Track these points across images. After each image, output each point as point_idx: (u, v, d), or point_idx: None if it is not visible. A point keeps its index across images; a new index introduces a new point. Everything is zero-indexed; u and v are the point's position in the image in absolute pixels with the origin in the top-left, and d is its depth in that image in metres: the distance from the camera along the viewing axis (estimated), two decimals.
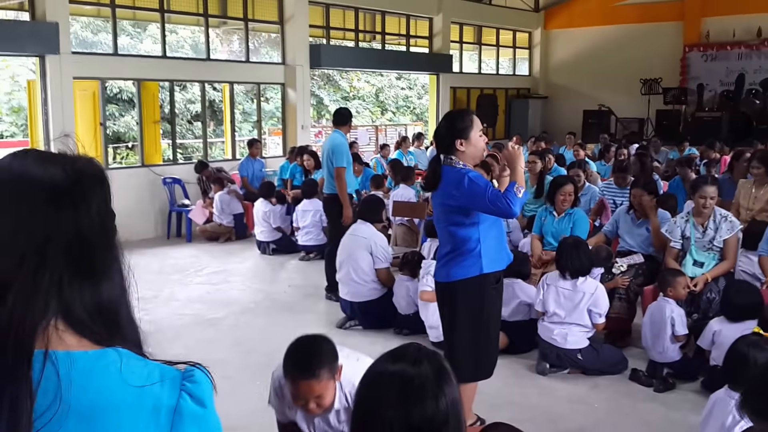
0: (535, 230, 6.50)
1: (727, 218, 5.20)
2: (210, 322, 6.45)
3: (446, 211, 3.74)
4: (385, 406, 1.46)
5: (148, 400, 1.04)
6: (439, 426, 1.43)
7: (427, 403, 1.44)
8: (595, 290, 4.89)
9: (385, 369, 1.50)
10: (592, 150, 13.71)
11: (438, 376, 1.50)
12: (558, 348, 4.93)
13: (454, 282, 3.74)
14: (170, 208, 10.64)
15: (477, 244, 3.69)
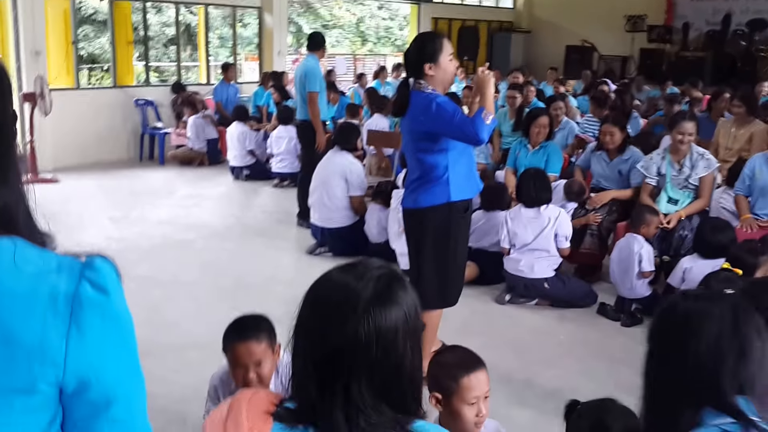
0: (509, 163, 6.44)
1: (703, 156, 5.14)
2: (179, 244, 6.37)
3: (414, 137, 3.63)
4: (312, 319, 1.30)
5: (43, 288, 0.98)
6: (357, 352, 1.24)
7: (349, 324, 1.25)
8: (559, 215, 4.93)
9: (329, 276, 1.34)
10: (573, 87, 13.56)
11: (376, 298, 1.27)
12: (525, 278, 4.95)
13: (422, 209, 3.66)
14: (143, 131, 10.45)
15: (445, 171, 3.58)
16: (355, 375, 1.25)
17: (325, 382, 1.26)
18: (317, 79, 6.64)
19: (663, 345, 1.52)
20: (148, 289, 5.15)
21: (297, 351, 1.31)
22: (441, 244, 3.69)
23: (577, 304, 4.97)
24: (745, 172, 5.12)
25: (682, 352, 1.45)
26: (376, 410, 1.25)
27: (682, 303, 1.49)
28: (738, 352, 1.41)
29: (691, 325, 1.46)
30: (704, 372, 1.41)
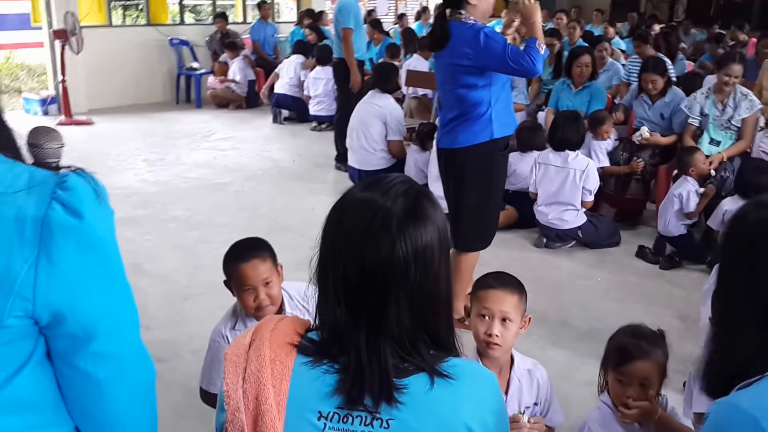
0: (551, 104, 6.31)
1: (747, 96, 5.00)
2: (215, 186, 6.40)
3: (457, 72, 3.41)
4: (341, 240, 1.19)
5: (8, 211, 0.89)
6: (394, 273, 1.15)
7: (383, 243, 1.15)
8: (586, 167, 4.83)
9: (352, 196, 1.23)
10: (621, 29, 13.17)
11: (407, 216, 1.17)
12: (557, 229, 4.92)
13: (463, 148, 3.50)
14: (178, 72, 10.43)
15: (488, 107, 3.44)
16: (392, 299, 1.16)
17: (358, 311, 1.17)
18: (351, 15, 6.51)
19: (735, 258, 1.29)
20: (184, 231, 5.21)
21: (324, 278, 1.22)
22: (482, 183, 3.59)
23: (604, 244, 4.95)
24: None
25: (755, 271, 1.23)
26: (414, 340, 1.18)
27: (755, 211, 1.28)
28: None
29: (765, 237, 1.24)
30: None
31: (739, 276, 1.25)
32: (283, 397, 1.17)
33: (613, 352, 2.15)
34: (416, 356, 1.18)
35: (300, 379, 1.18)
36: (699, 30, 12.73)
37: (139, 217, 5.48)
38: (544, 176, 4.94)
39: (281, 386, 1.17)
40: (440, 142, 3.67)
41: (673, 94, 5.54)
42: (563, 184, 4.85)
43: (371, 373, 1.16)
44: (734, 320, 1.25)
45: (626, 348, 2.10)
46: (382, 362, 1.17)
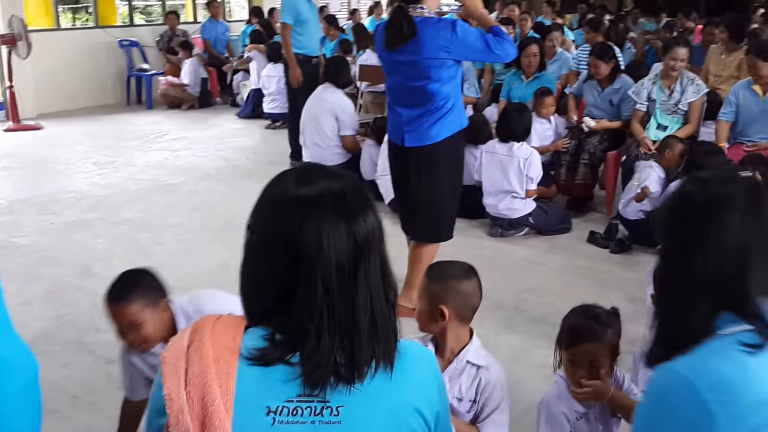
0: (503, 95, 6.38)
1: (693, 81, 5.13)
2: (168, 187, 6.32)
3: (431, 67, 3.35)
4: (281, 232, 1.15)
5: None
6: (341, 263, 1.15)
7: (330, 233, 1.14)
8: (530, 155, 4.91)
9: (285, 181, 1.21)
10: (571, 20, 13.33)
11: (351, 200, 1.18)
12: (508, 218, 4.99)
13: (437, 143, 3.49)
14: (129, 73, 10.28)
15: (455, 99, 3.49)
16: (339, 288, 1.15)
17: (302, 301, 1.15)
18: (287, 10, 6.47)
19: (684, 239, 1.26)
20: (136, 233, 5.14)
21: (258, 269, 1.20)
22: (453, 173, 3.65)
23: (555, 231, 5.02)
24: (730, 98, 5.08)
25: (699, 247, 1.23)
26: (360, 327, 1.17)
27: (700, 190, 1.26)
28: (763, 245, 1.20)
29: (710, 214, 1.23)
30: (726, 269, 1.20)
31: (690, 256, 1.23)
32: (230, 396, 1.14)
33: (565, 332, 2.20)
34: (363, 342, 1.17)
35: (245, 377, 1.16)
36: (647, 19, 12.96)
37: (90, 220, 5.40)
38: (490, 165, 5.00)
39: (227, 385, 1.14)
40: (407, 140, 3.54)
41: (622, 81, 5.63)
42: (508, 172, 4.92)
43: (321, 363, 1.15)
44: (685, 298, 1.24)
45: (577, 329, 2.15)
46: (333, 351, 1.15)
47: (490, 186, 5.01)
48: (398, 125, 3.57)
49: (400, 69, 3.47)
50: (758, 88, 4.89)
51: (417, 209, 3.66)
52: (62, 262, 4.58)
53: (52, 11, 9.98)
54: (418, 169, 3.57)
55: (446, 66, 3.37)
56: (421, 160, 3.55)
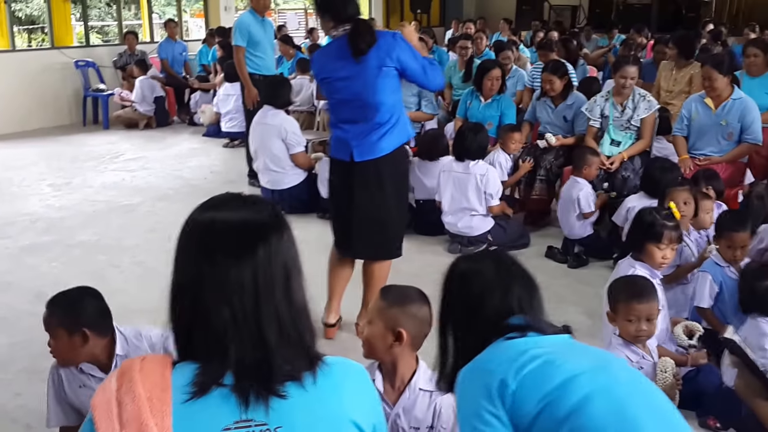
0: (459, 113, 6.41)
1: (645, 97, 5.23)
2: (124, 208, 6.23)
3: (385, 76, 3.39)
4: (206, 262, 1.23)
5: None
6: (263, 286, 1.24)
7: (249, 259, 1.24)
8: (486, 172, 4.95)
9: (211, 212, 1.29)
10: (525, 37, 13.53)
11: (270, 224, 1.29)
12: (467, 236, 5.03)
13: (385, 156, 3.49)
14: (85, 94, 10.14)
15: (400, 110, 3.54)
16: (263, 311, 1.22)
17: (236, 328, 1.21)
18: (238, 32, 6.49)
19: (447, 296, 1.75)
20: (91, 255, 5.06)
21: (176, 291, 1.27)
22: (402, 186, 3.69)
23: (513, 246, 5.06)
24: (683, 113, 5.20)
25: (461, 301, 1.71)
26: (285, 347, 1.24)
27: (460, 264, 1.77)
28: (501, 293, 1.67)
29: (465, 280, 1.72)
30: (480, 313, 1.66)
31: (457, 309, 1.72)
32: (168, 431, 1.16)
33: None
34: (291, 362, 1.23)
35: (180, 412, 1.18)
36: (600, 35, 13.20)
37: (45, 243, 5.29)
38: (448, 184, 5.04)
39: (164, 423, 1.16)
40: (356, 155, 3.50)
41: (575, 97, 5.74)
42: (466, 190, 4.96)
43: (253, 386, 1.19)
44: (456, 336, 1.71)
45: None
46: (262, 372, 1.21)
47: (448, 204, 5.04)
48: (344, 141, 3.53)
49: (346, 85, 3.46)
50: (710, 101, 5.01)
51: (368, 226, 3.60)
52: (16, 287, 4.47)
53: (7, 33, 9.84)
54: (369, 183, 3.54)
55: (391, 75, 3.41)
56: (370, 174, 3.52)
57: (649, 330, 2.63)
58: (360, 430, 1.27)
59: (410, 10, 16.75)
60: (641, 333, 2.63)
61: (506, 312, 1.63)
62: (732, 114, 4.94)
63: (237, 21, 6.65)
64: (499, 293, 1.66)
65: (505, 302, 1.64)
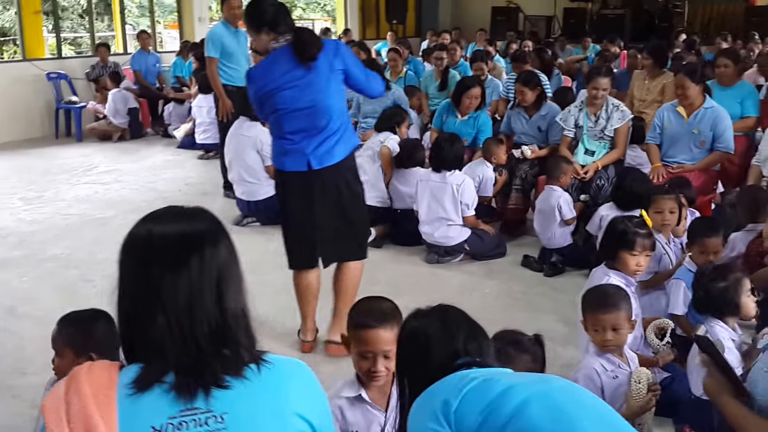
0: (435, 124, 6.39)
1: (618, 108, 5.28)
2: (97, 221, 6.15)
3: (335, 81, 3.45)
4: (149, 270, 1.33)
5: None
6: (197, 290, 1.33)
7: (188, 265, 1.33)
8: (462, 182, 4.96)
9: (148, 227, 1.40)
10: (501, 47, 13.62)
11: (207, 233, 1.39)
12: (444, 246, 5.03)
13: (343, 160, 3.52)
14: (57, 106, 10.02)
15: (348, 117, 3.59)
16: (198, 317, 1.31)
17: (171, 334, 1.30)
18: (211, 44, 6.48)
19: (399, 350, 1.80)
20: (63, 270, 4.99)
21: (120, 298, 1.35)
22: (360, 188, 3.69)
23: (490, 256, 5.09)
24: (655, 121, 5.25)
25: (410, 352, 1.74)
26: (226, 348, 1.33)
27: (410, 321, 1.79)
28: (447, 341, 1.68)
29: (412, 335, 1.75)
30: (428, 360, 1.67)
31: (407, 359, 1.76)
32: (113, 422, 1.24)
33: None
34: (228, 361, 1.33)
35: (126, 406, 1.26)
36: (575, 45, 13.33)
37: (16, 258, 5.21)
38: (425, 193, 5.03)
39: (109, 414, 1.24)
40: (314, 163, 3.48)
41: (549, 107, 5.79)
42: (443, 199, 4.96)
43: (197, 377, 1.29)
44: (411, 382, 1.71)
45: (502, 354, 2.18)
46: (200, 371, 1.30)
47: (425, 214, 5.04)
48: (299, 152, 3.48)
49: (295, 94, 3.41)
50: (682, 110, 5.06)
51: (336, 229, 3.61)
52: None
53: None
54: (331, 188, 3.54)
55: (339, 80, 3.46)
56: (332, 179, 3.53)
57: (616, 340, 2.63)
58: (307, 423, 1.37)
59: (386, 21, 16.80)
60: (607, 343, 2.63)
61: (453, 356, 1.66)
62: (704, 122, 4.99)
63: (209, 32, 6.65)
64: (444, 341, 1.70)
65: (451, 347, 1.68)
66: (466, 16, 18.29)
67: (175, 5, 12.82)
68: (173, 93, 10.10)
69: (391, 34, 13.93)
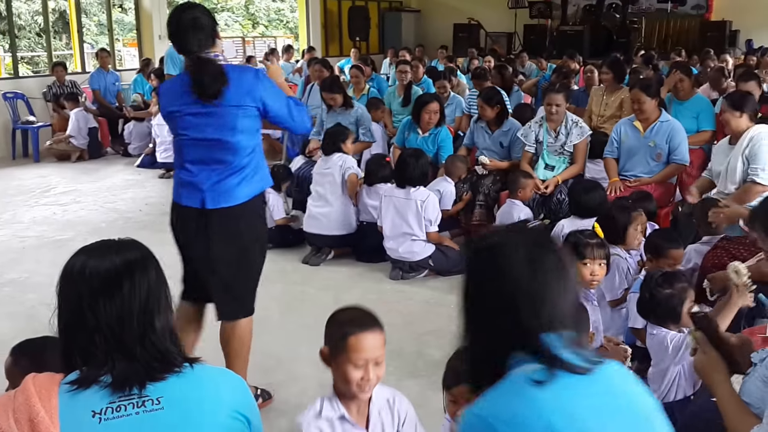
0: (397, 141, 6.41)
1: (577, 124, 5.37)
2: (56, 243, 6.03)
3: (239, 117, 3.02)
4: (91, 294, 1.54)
5: None
6: (127, 310, 1.54)
7: (120, 289, 1.54)
8: (426, 198, 4.98)
9: (84, 258, 1.60)
10: (462, 63, 13.75)
11: (136, 262, 1.60)
12: (409, 261, 5.03)
13: (243, 204, 3.09)
14: (14, 126, 9.83)
15: (260, 154, 3.17)
16: (128, 338, 1.50)
17: (116, 342, 1.50)
18: (170, 61, 6.47)
19: (468, 282, 1.48)
20: (20, 294, 4.88)
21: (78, 326, 1.52)
22: (260, 235, 3.26)
23: (455, 271, 5.06)
24: (613, 136, 5.33)
25: (482, 290, 1.43)
26: (156, 359, 1.52)
27: (486, 238, 1.45)
28: (534, 289, 1.36)
29: (490, 259, 1.41)
30: (506, 310, 1.37)
31: (475, 303, 1.47)
32: (54, 410, 1.41)
33: (447, 372, 2.24)
34: (165, 360, 1.53)
35: (66, 398, 1.45)
36: (534, 61, 13.49)
37: None
38: (389, 209, 5.04)
39: (50, 402, 1.42)
40: (209, 202, 3.06)
41: (510, 123, 5.86)
42: (407, 215, 4.97)
43: (131, 375, 1.48)
44: (479, 346, 1.46)
45: (455, 370, 2.19)
46: (138, 366, 1.50)
47: (389, 230, 5.04)
48: (195, 186, 3.08)
49: (199, 122, 3.06)
50: (639, 124, 5.15)
51: (224, 280, 3.16)
52: None
53: None
54: (223, 233, 3.09)
55: (250, 116, 3.06)
56: (225, 223, 3.08)
57: None
58: (242, 416, 1.55)
59: (349, 38, 16.86)
60: None
61: (538, 323, 1.34)
62: (660, 135, 5.09)
63: (169, 50, 6.64)
64: (530, 293, 1.36)
65: (538, 308, 1.35)
66: (428, 33, 18.47)
67: (135, 23, 12.73)
68: (133, 112, 9.98)
69: (355, 51, 13.98)
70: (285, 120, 3.16)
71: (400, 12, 18.88)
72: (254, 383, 3.65)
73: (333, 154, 5.53)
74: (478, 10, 17.30)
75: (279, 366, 3.81)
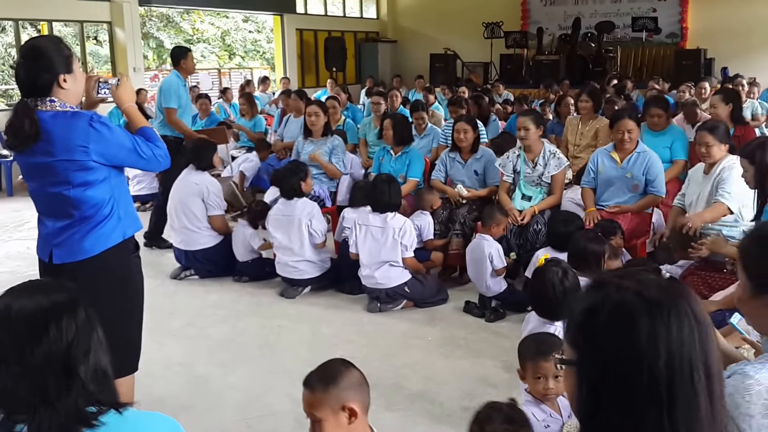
0: (374, 170, 6.47)
1: (555, 155, 5.38)
2: (29, 278, 5.91)
3: (69, 170, 2.76)
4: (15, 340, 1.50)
5: None
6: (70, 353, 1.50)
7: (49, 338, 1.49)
8: (403, 224, 4.98)
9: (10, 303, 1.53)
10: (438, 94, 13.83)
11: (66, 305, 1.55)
12: (386, 288, 4.98)
13: (92, 258, 2.84)
14: None
15: (114, 204, 2.89)
16: (54, 383, 1.46)
17: (38, 388, 1.45)
18: (172, 94, 6.46)
19: (593, 344, 1.19)
20: None
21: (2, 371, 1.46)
22: (124, 293, 2.97)
23: (432, 302, 5.08)
24: (590, 165, 5.36)
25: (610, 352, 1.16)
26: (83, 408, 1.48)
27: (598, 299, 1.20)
28: None
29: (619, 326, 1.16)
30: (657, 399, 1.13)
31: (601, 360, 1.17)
32: None
33: None
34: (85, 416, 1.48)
35: None
36: (512, 91, 13.63)
37: None
38: (366, 238, 5.02)
39: None
40: (56, 256, 2.86)
41: (483, 151, 5.89)
42: (384, 243, 4.95)
43: (55, 423, 1.44)
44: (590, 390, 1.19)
45: None
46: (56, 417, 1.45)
47: (366, 258, 5.00)
48: (45, 238, 2.92)
49: (36, 173, 2.84)
50: (616, 154, 5.19)
51: None
52: None
53: None
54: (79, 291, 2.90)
55: (89, 168, 2.79)
56: (76, 280, 2.64)
57: (557, 388, 2.60)
58: None
59: (325, 68, 16.95)
60: (549, 391, 2.60)
61: None
62: (636, 166, 5.12)
63: (166, 83, 6.63)
64: None
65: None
66: (405, 64, 18.64)
67: (109, 56, 12.72)
68: None
69: (331, 82, 14.05)
70: (134, 163, 2.91)
71: (377, 42, 19.04)
72: (230, 419, 3.60)
73: (293, 199, 5.41)
74: (454, 41, 17.49)
75: (255, 401, 3.75)
